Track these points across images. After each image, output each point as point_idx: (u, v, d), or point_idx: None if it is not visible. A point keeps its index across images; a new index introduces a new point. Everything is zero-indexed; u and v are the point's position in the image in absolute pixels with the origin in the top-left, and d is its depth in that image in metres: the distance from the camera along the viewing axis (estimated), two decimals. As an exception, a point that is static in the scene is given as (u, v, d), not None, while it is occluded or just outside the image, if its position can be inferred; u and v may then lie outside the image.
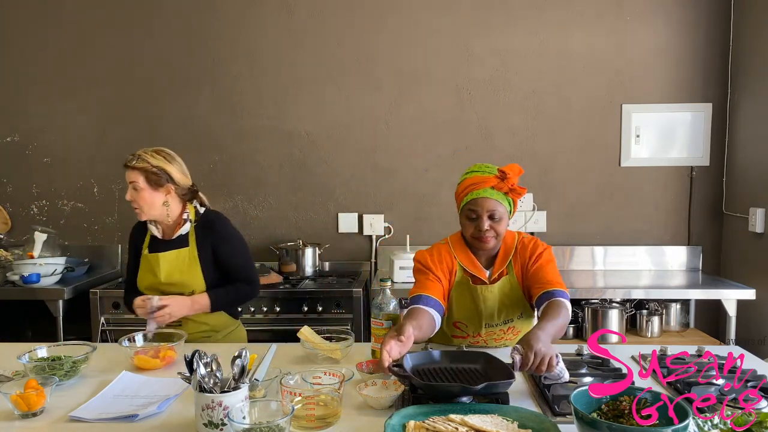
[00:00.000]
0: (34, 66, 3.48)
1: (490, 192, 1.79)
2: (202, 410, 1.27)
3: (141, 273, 2.18)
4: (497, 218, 1.80)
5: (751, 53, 3.15)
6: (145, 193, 2.08)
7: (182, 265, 2.13)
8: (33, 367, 1.61)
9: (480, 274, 1.88)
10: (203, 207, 2.23)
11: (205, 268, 2.14)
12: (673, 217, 3.43)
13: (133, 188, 2.09)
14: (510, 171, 1.79)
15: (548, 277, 1.82)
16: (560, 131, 3.41)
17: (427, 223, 3.47)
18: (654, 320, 3.11)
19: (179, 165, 2.16)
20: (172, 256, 2.13)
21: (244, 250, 2.24)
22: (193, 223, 2.18)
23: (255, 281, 2.23)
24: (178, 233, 2.15)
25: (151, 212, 2.12)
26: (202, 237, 2.16)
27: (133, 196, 2.10)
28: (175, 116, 3.47)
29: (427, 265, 1.88)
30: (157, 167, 2.09)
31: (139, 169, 2.07)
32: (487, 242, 1.82)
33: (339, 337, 1.89)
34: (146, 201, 2.09)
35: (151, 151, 2.11)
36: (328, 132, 3.46)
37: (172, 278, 2.12)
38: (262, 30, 3.42)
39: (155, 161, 2.09)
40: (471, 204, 1.81)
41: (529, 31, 3.37)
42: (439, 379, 1.53)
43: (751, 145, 3.14)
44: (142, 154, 2.10)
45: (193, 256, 2.14)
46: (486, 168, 1.84)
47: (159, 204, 2.11)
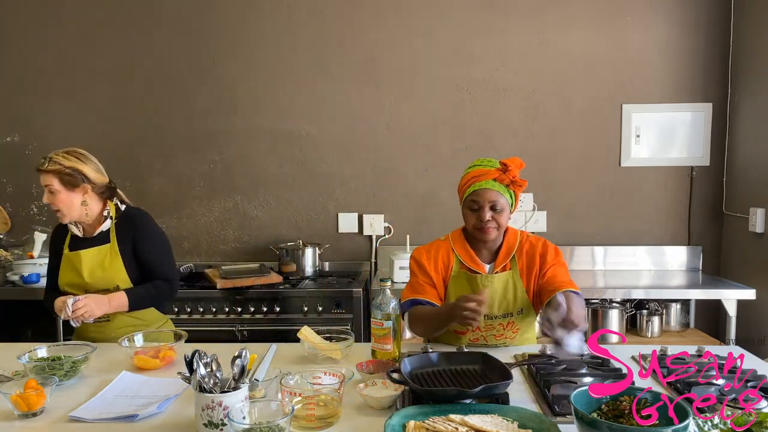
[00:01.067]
0: (34, 66, 3.48)
1: (492, 183, 1.84)
2: (202, 410, 1.27)
3: (63, 272, 2.18)
4: (498, 209, 1.85)
5: (751, 53, 3.15)
6: (62, 195, 2.09)
7: (104, 261, 2.15)
8: (33, 367, 1.61)
9: (479, 269, 1.92)
10: (123, 204, 2.25)
11: (127, 264, 2.16)
12: (673, 217, 3.43)
13: (49, 191, 2.09)
14: (511, 163, 1.84)
15: (565, 279, 1.88)
16: (560, 131, 3.41)
17: (427, 223, 3.47)
18: (654, 320, 3.11)
19: (93, 164, 2.16)
20: (93, 252, 2.15)
21: (164, 248, 2.26)
22: (113, 220, 2.19)
23: (174, 279, 2.26)
24: (98, 230, 2.17)
25: (71, 213, 2.13)
26: (122, 233, 2.18)
27: (50, 199, 2.10)
28: (175, 116, 3.47)
29: (421, 263, 1.94)
30: (70, 168, 2.09)
31: (52, 171, 2.07)
32: (488, 233, 1.86)
33: (339, 337, 1.89)
34: (64, 203, 2.10)
35: (62, 153, 2.11)
36: (328, 132, 3.46)
37: (94, 275, 2.13)
38: (262, 30, 3.42)
39: (68, 162, 2.09)
40: (473, 195, 1.87)
41: (529, 31, 3.37)
42: (438, 381, 1.53)
43: (751, 145, 3.14)
44: (53, 157, 2.09)
45: (114, 252, 2.16)
46: (488, 162, 1.90)
47: (77, 204, 2.12)
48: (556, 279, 1.87)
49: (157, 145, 3.50)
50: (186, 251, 3.53)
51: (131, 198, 2.35)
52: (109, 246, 2.17)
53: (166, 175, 3.51)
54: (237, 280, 2.98)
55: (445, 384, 1.51)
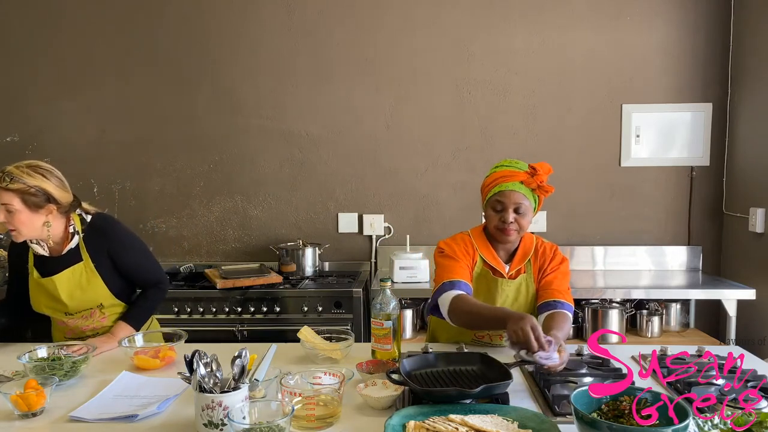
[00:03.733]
0: (34, 66, 3.48)
1: (518, 186, 1.84)
2: (202, 410, 1.27)
3: (37, 295, 2.04)
4: (522, 212, 1.84)
5: (751, 53, 3.15)
6: (21, 215, 1.86)
7: (81, 281, 2.00)
8: (33, 367, 1.61)
9: (500, 268, 1.93)
10: (88, 214, 2.05)
11: (107, 279, 2.03)
12: (673, 217, 3.43)
13: (7, 210, 1.85)
14: (540, 168, 1.84)
15: (561, 287, 1.88)
16: (560, 131, 3.41)
17: (427, 223, 3.47)
18: (654, 320, 3.11)
19: (58, 180, 1.94)
20: (67, 275, 1.98)
21: (142, 252, 2.12)
22: (81, 235, 2.01)
23: (163, 280, 2.16)
24: (67, 248, 1.98)
25: (30, 234, 1.92)
26: (94, 247, 2.01)
27: (6, 218, 1.86)
28: (175, 116, 3.47)
29: (454, 251, 1.91)
30: (35, 187, 1.86)
31: (13, 190, 1.83)
32: (509, 234, 1.86)
33: (339, 337, 1.89)
34: (23, 223, 1.88)
35: (26, 168, 1.87)
36: (328, 132, 3.46)
37: (74, 298, 2.00)
38: (262, 30, 3.42)
39: (33, 180, 1.86)
40: (498, 195, 1.85)
41: (529, 31, 3.37)
42: (437, 382, 1.53)
43: (751, 145, 3.14)
44: (15, 173, 1.84)
45: (90, 270, 2.01)
46: (516, 163, 1.89)
47: (38, 226, 1.91)
48: (552, 286, 1.88)
49: (157, 145, 3.50)
50: (186, 251, 3.54)
51: (132, 198, 2.33)
52: (83, 264, 2.00)
53: (167, 175, 3.51)
54: (237, 280, 2.98)
55: (444, 385, 1.51)
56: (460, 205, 3.40)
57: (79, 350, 1.74)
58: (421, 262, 3.06)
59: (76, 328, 2.07)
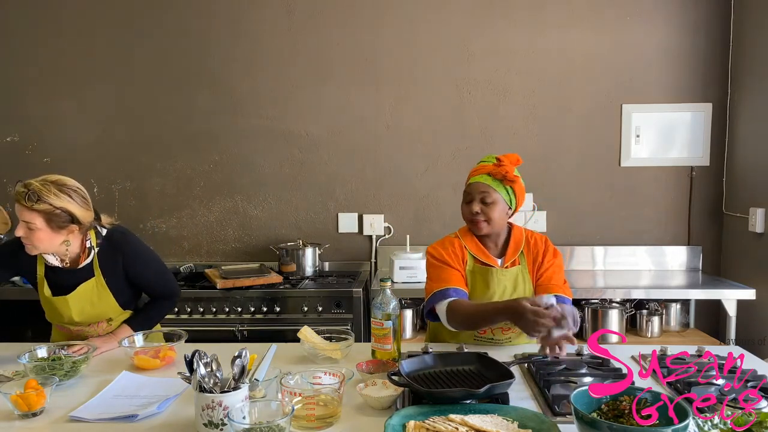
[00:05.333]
0: (34, 66, 3.48)
1: (485, 178, 1.90)
2: (202, 410, 1.27)
3: (47, 309, 2.03)
4: (489, 202, 1.89)
5: (751, 53, 3.15)
6: (41, 233, 1.83)
7: (92, 297, 1.99)
8: (33, 367, 1.61)
9: (491, 262, 1.95)
10: (104, 228, 2.03)
11: (116, 293, 2.02)
12: (673, 217, 3.43)
13: (28, 228, 1.81)
14: (505, 159, 1.89)
15: (559, 282, 1.91)
16: (560, 131, 3.41)
17: (427, 223, 3.47)
18: (654, 320, 3.11)
19: (83, 200, 1.90)
20: (79, 294, 1.96)
21: (157, 266, 2.11)
22: (95, 249, 1.99)
23: (174, 293, 2.15)
24: (83, 264, 1.96)
25: (46, 251, 1.90)
26: (107, 262, 1.99)
27: (26, 234, 1.82)
28: (175, 116, 3.47)
29: (443, 258, 1.94)
30: (61, 209, 1.82)
31: (38, 211, 1.79)
32: (477, 225, 1.91)
33: (339, 337, 1.89)
34: (42, 241, 1.84)
35: (53, 187, 1.82)
36: (328, 132, 3.46)
37: (84, 314, 2.00)
38: (262, 30, 3.42)
39: (59, 202, 1.82)
40: (467, 188, 1.95)
41: (529, 31, 3.37)
42: (436, 383, 1.53)
43: (751, 145, 3.14)
44: (42, 192, 1.79)
45: (101, 286, 1.99)
46: (489, 158, 1.95)
47: (57, 244, 1.88)
48: (552, 282, 1.91)
49: (157, 145, 3.50)
50: (186, 251, 3.54)
51: (132, 198, 2.33)
52: (95, 280, 1.98)
53: (167, 175, 3.51)
54: (237, 280, 2.98)
55: (444, 385, 1.51)
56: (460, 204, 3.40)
57: (79, 350, 1.75)
58: (421, 262, 3.06)
59: (79, 336, 2.06)
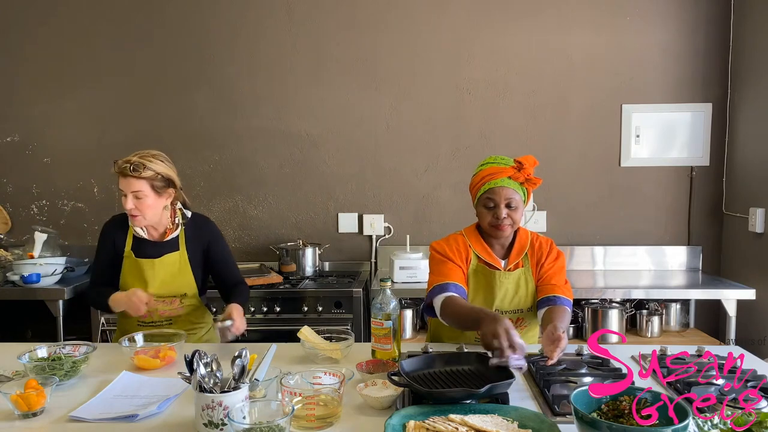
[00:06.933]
0: (34, 66, 3.48)
1: (507, 181, 1.87)
2: (202, 410, 1.27)
3: (125, 277, 2.11)
4: (514, 206, 1.88)
5: (751, 53, 3.15)
6: (149, 200, 2.01)
7: (174, 269, 2.11)
8: (33, 367, 1.61)
9: (495, 263, 1.94)
10: (188, 210, 2.20)
11: (195, 271, 2.14)
12: (673, 217, 3.43)
13: (136, 197, 1.99)
14: (526, 161, 1.87)
15: (559, 282, 1.91)
16: (560, 131, 3.41)
17: (427, 223, 3.47)
18: (654, 320, 3.11)
19: (171, 163, 2.11)
20: (165, 261, 2.10)
21: (230, 251, 2.27)
22: (182, 226, 2.15)
23: (245, 281, 2.27)
24: (170, 237, 2.11)
25: (153, 218, 2.06)
26: (194, 239, 2.15)
27: (135, 204, 2.00)
28: (175, 116, 3.47)
29: (446, 253, 1.94)
30: (161, 173, 2.02)
31: (145, 178, 1.98)
32: (503, 230, 1.89)
33: (339, 337, 1.89)
34: (150, 207, 2.02)
35: (151, 158, 2.01)
36: (328, 132, 3.46)
37: (164, 283, 2.10)
38: (262, 30, 3.42)
39: (162, 168, 2.02)
40: (488, 193, 1.88)
41: (529, 31, 3.37)
42: (436, 383, 1.53)
43: (751, 145, 3.14)
44: (146, 162, 1.98)
45: (184, 261, 2.13)
46: (501, 159, 1.91)
47: (160, 209, 2.07)
48: (551, 281, 1.91)
49: (157, 145, 3.41)
50: (186, 251, 3.53)
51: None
52: (179, 254, 2.12)
53: (166, 175, 3.50)
54: (237, 280, 2.98)
55: (444, 385, 1.51)
56: (460, 205, 3.40)
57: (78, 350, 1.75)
58: (421, 262, 3.06)
59: (154, 311, 2.10)
